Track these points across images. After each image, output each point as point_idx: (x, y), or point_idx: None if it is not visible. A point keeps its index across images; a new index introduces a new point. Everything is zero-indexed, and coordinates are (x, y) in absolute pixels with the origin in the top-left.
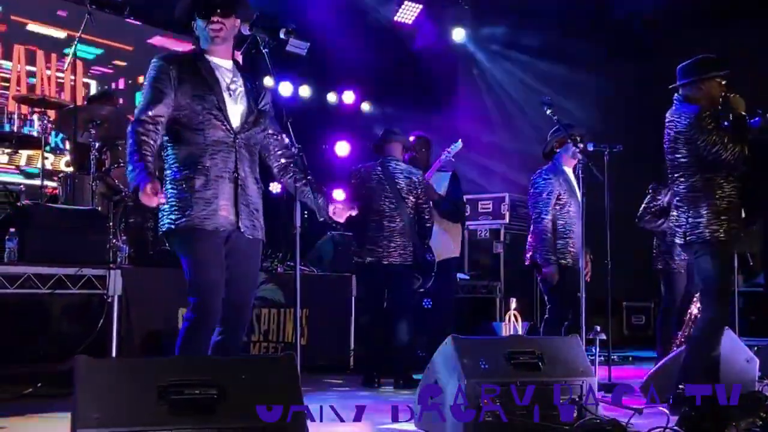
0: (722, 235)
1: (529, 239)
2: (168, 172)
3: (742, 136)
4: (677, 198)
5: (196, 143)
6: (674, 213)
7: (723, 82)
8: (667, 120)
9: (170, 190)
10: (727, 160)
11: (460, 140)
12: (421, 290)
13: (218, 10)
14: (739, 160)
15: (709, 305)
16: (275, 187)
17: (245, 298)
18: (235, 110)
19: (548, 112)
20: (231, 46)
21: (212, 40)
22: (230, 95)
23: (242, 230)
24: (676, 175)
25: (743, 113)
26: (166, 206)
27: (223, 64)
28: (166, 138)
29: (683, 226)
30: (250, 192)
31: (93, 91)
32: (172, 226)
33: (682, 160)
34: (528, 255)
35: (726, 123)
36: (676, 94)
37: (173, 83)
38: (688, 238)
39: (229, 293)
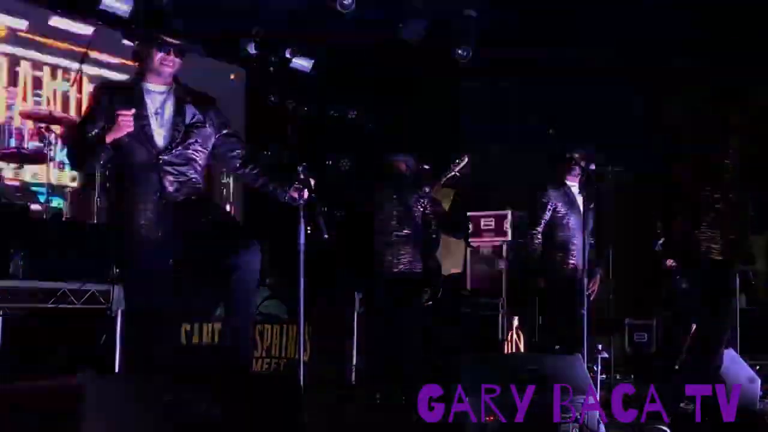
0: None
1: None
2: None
3: None
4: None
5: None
6: None
7: None
8: None
9: None
10: None
11: (465, 156)
12: (428, 303)
13: (169, 51)
14: None
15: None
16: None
17: None
18: (159, 131)
19: (551, 131)
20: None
21: (158, 73)
22: (156, 118)
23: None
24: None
25: None
26: None
27: (156, 89)
28: None
29: None
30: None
31: None
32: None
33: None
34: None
35: None
36: None
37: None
38: None
39: None
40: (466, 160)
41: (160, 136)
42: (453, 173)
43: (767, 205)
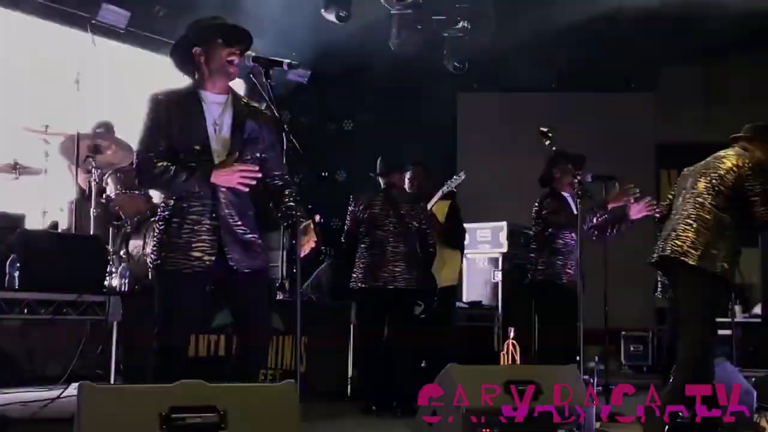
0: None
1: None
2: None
3: None
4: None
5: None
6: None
7: None
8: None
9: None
10: (761, 216)
11: (462, 172)
12: (422, 316)
13: (238, 44)
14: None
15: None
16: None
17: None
18: (218, 145)
19: (547, 143)
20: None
21: (226, 74)
22: (215, 130)
23: (233, 265)
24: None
25: None
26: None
27: (215, 99)
28: None
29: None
30: (240, 223)
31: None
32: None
33: (724, 192)
34: (529, 275)
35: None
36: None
37: (164, 120)
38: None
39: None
40: (463, 177)
41: (216, 153)
42: (450, 189)
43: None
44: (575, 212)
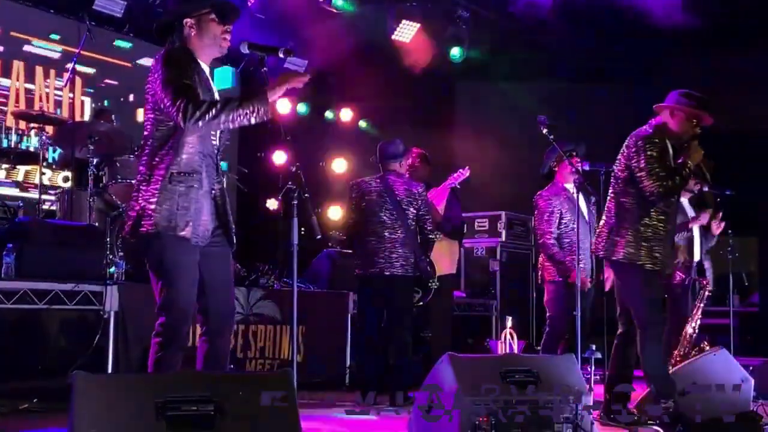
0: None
1: (540, 259)
2: (159, 172)
3: (679, 178)
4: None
5: (195, 151)
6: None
7: (695, 122)
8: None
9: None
10: (648, 189)
11: (467, 168)
12: (420, 304)
13: (231, 20)
14: (660, 195)
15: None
16: (272, 204)
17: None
18: None
19: (544, 131)
20: None
21: (219, 48)
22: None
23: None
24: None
25: (699, 165)
26: (153, 207)
27: (206, 69)
28: (158, 137)
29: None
30: (225, 204)
31: (89, 107)
32: (158, 231)
33: (620, 175)
34: (539, 273)
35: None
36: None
37: (191, 75)
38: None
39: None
40: (468, 174)
41: None
42: (454, 186)
43: (757, 208)
44: (579, 205)
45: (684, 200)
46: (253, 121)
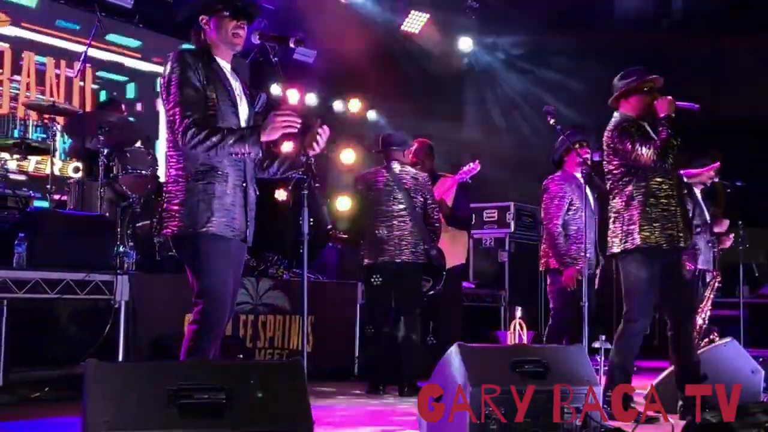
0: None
1: (542, 246)
2: (178, 172)
3: (667, 134)
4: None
5: None
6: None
7: (646, 89)
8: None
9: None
10: (645, 159)
11: (477, 162)
12: (431, 293)
13: (245, 17)
14: (658, 158)
15: (629, 308)
16: (281, 195)
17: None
18: (242, 113)
19: (551, 121)
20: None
21: (232, 45)
22: (239, 99)
23: (246, 238)
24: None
25: (671, 114)
26: (176, 208)
27: (225, 66)
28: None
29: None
30: (252, 199)
31: (101, 98)
32: (190, 230)
33: (615, 171)
34: (542, 261)
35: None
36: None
37: (202, 80)
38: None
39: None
40: (478, 168)
41: (243, 119)
42: (465, 180)
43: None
44: (586, 194)
45: (696, 191)
46: (244, 157)
